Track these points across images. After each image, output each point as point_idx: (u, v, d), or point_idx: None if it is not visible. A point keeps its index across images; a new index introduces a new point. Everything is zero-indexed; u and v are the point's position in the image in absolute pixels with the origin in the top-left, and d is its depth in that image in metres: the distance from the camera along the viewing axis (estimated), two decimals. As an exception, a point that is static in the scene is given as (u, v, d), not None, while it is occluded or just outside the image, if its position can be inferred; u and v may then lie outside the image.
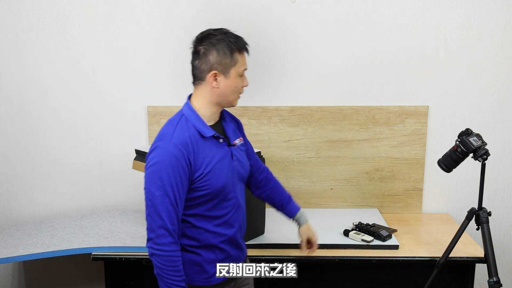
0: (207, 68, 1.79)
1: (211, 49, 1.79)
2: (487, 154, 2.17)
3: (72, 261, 2.97)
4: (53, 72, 2.79)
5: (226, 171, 1.84)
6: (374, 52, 2.75)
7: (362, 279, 2.46)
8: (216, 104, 1.85)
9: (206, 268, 1.87)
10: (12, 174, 2.90)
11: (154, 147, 1.78)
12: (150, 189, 1.75)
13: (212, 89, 1.82)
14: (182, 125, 1.80)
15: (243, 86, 1.87)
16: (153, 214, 1.74)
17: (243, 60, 1.84)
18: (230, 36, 1.81)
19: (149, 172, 1.77)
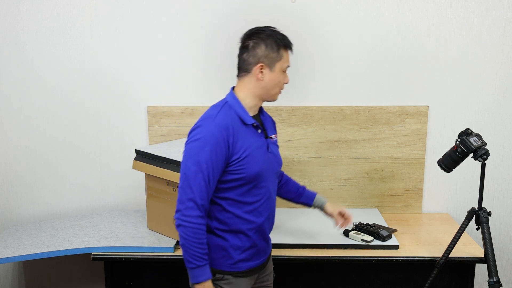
0: (254, 61, 1.89)
1: (260, 43, 1.89)
2: (487, 154, 2.17)
3: (72, 261, 2.97)
4: (53, 72, 2.79)
5: (261, 160, 1.91)
6: (374, 52, 2.75)
7: (362, 279, 2.46)
8: (258, 96, 1.94)
9: (232, 254, 1.92)
10: (12, 174, 2.90)
11: (197, 126, 1.86)
12: (186, 162, 1.82)
13: (257, 81, 1.91)
14: (225, 110, 1.89)
15: (284, 83, 1.96)
16: (185, 187, 1.80)
17: (287, 57, 1.94)
18: (277, 33, 1.91)
19: (188, 147, 1.84)
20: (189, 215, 1.79)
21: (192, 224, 1.79)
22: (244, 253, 1.94)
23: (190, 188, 1.79)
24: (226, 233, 1.91)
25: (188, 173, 1.80)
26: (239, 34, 2.79)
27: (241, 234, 1.92)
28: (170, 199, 2.42)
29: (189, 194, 1.79)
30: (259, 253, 1.99)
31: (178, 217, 1.81)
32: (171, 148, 2.52)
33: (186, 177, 1.81)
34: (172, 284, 2.49)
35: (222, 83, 2.78)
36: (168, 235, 2.49)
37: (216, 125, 1.82)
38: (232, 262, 1.92)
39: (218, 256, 1.92)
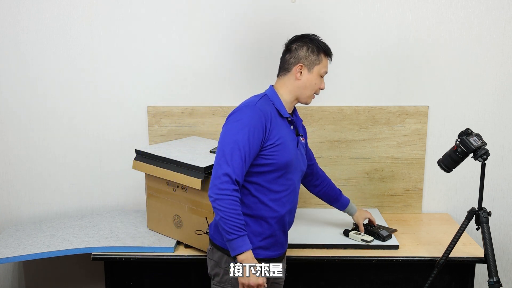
0: (295, 61, 2.01)
1: (302, 46, 2.02)
2: (487, 154, 2.17)
3: (72, 261, 2.97)
4: (53, 72, 2.79)
5: (292, 152, 2.01)
6: (374, 52, 2.75)
7: (362, 279, 2.46)
8: (294, 95, 2.04)
9: (252, 239, 1.97)
10: (12, 174, 2.90)
11: (238, 109, 1.95)
12: (225, 140, 1.90)
13: (295, 80, 2.02)
14: (265, 100, 1.99)
15: (320, 88, 2.07)
16: (221, 163, 1.87)
17: (326, 63, 2.06)
18: (320, 41, 2.06)
19: (228, 126, 1.92)
20: (225, 188, 1.84)
21: (229, 196, 1.84)
22: (263, 241, 2.00)
23: (227, 163, 1.85)
24: (248, 218, 1.98)
25: (225, 150, 1.87)
26: (239, 34, 2.80)
27: (262, 221, 1.99)
28: (170, 199, 2.42)
29: (225, 169, 1.85)
30: (277, 244, 2.06)
31: (214, 192, 1.86)
32: (171, 148, 2.52)
33: (224, 153, 1.87)
34: (172, 284, 2.49)
35: (222, 83, 2.79)
36: (168, 235, 2.49)
37: (257, 109, 1.92)
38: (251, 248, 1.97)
39: None
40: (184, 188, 2.35)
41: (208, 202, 2.27)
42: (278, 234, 2.04)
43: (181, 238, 2.44)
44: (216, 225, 2.03)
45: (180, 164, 2.30)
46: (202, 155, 2.38)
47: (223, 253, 2.01)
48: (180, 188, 2.37)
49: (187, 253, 2.38)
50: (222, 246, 2.00)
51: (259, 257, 1.99)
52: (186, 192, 2.35)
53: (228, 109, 2.77)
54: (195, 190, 2.28)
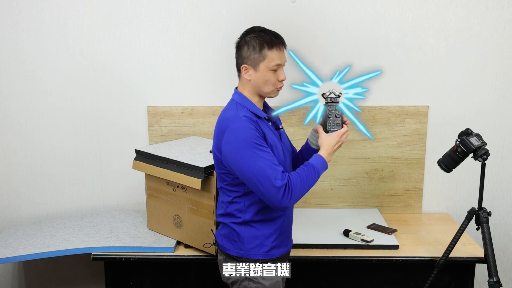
0: (240, 62, 1.97)
1: (243, 45, 1.95)
2: (487, 154, 2.17)
3: (72, 261, 2.97)
4: (53, 72, 2.79)
5: (280, 150, 2.00)
6: (374, 52, 2.75)
7: (362, 279, 2.46)
8: (255, 94, 1.99)
9: (265, 242, 1.99)
10: (12, 174, 2.90)
11: (229, 132, 1.87)
12: (251, 164, 1.83)
13: (247, 82, 1.98)
14: (240, 108, 1.95)
15: (279, 80, 1.97)
16: (263, 181, 1.82)
17: (273, 56, 1.92)
18: (266, 34, 1.93)
19: (240, 154, 1.85)
20: (285, 195, 1.83)
21: (292, 190, 1.84)
22: (276, 240, 2.02)
23: (270, 180, 1.81)
24: (258, 223, 1.99)
25: (254, 170, 1.82)
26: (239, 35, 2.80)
27: (271, 222, 2.00)
28: (170, 199, 2.42)
29: (274, 183, 1.81)
30: (286, 239, 2.08)
31: (287, 204, 1.84)
32: (171, 148, 2.52)
33: (261, 175, 1.82)
34: (172, 284, 2.50)
35: (222, 83, 2.79)
36: (168, 235, 2.49)
37: (244, 119, 1.88)
38: (265, 250, 2.00)
39: (252, 246, 1.99)
40: (184, 188, 2.35)
41: (208, 202, 2.27)
42: (286, 230, 2.08)
43: (181, 238, 2.44)
44: (225, 235, 2.04)
45: (180, 164, 2.30)
46: (202, 155, 2.38)
47: (238, 261, 2.01)
48: (180, 188, 2.37)
49: (187, 253, 2.38)
50: (236, 255, 2.01)
51: (275, 256, 2.02)
52: (186, 192, 2.35)
53: (228, 109, 2.77)
54: (195, 190, 2.28)
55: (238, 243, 2.00)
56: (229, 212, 2.01)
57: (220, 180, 2.02)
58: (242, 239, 1.99)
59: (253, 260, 1.99)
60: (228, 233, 2.03)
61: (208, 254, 2.34)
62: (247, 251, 1.99)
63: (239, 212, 1.98)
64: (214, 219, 2.25)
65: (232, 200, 1.99)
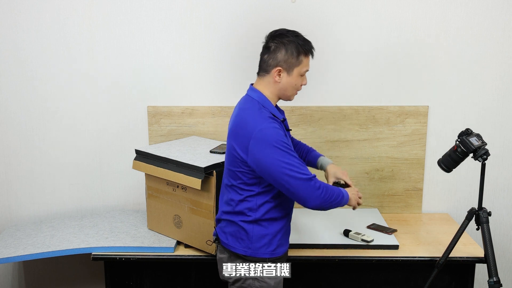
0: (274, 64, 1.97)
1: (281, 47, 1.96)
2: (487, 154, 2.17)
3: (72, 261, 2.97)
4: (53, 72, 2.79)
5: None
6: (374, 52, 2.75)
7: (362, 279, 2.46)
8: (276, 96, 2.04)
9: (272, 241, 2.02)
10: (12, 174, 2.90)
11: (258, 132, 1.89)
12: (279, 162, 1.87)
13: (274, 83, 2.00)
14: (262, 111, 1.97)
15: (302, 84, 2.05)
16: (298, 178, 1.88)
17: (307, 62, 2.01)
18: (300, 39, 1.98)
19: (270, 153, 1.88)
20: (317, 187, 1.91)
21: (322, 186, 1.93)
22: (281, 239, 2.05)
23: (300, 173, 1.88)
24: (265, 222, 2.02)
25: (287, 168, 1.87)
26: (239, 34, 2.80)
27: (277, 221, 2.04)
28: (170, 199, 2.42)
29: (307, 176, 1.89)
30: (288, 237, 2.13)
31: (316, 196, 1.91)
32: (171, 148, 2.52)
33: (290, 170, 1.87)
34: (172, 284, 2.50)
35: (222, 83, 2.79)
36: (168, 235, 2.49)
37: (271, 122, 1.92)
38: (272, 249, 2.02)
39: (260, 245, 2.01)
40: (184, 188, 2.35)
41: (208, 202, 2.27)
42: (288, 229, 2.12)
43: (181, 238, 2.44)
44: (232, 234, 2.04)
45: (180, 164, 2.30)
46: (202, 155, 2.38)
47: (245, 259, 2.02)
48: (180, 188, 2.37)
49: (187, 253, 2.38)
50: (244, 253, 2.02)
51: (279, 255, 2.04)
52: (186, 192, 2.35)
53: (228, 109, 2.78)
54: (195, 190, 2.28)
55: (247, 242, 2.00)
56: (239, 211, 2.01)
57: (233, 178, 2.01)
58: (251, 237, 2.00)
59: (260, 259, 2.00)
60: (235, 231, 2.03)
61: (208, 254, 2.34)
62: (255, 250, 2.00)
63: (250, 210, 1.99)
64: (214, 218, 2.25)
65: (244, 199, 1.99)
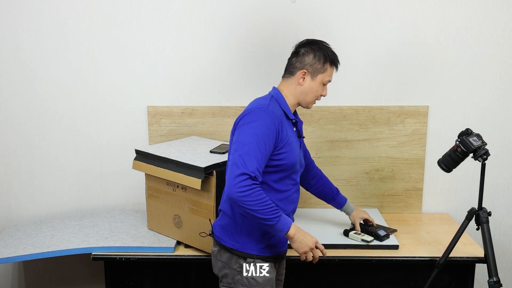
0: (300, 66, 2.05)
1: (309, 52, 2.05)
2: (487, 154, 2.17)
3: (72, 261, 2.97)
4: (53, 72, 2.79)
5: (297, 153, 2.07)
6: (374, 52, 2.75)
7: (362, 279, 2.46)
8: (297, 99, 2.09)
9: (262, 238, 2.02)
10: (12, 174, 2.90)
11: (250, 111, 1.97)
12: (241, 141, 1.90)
13: (297, 85, 2.06)
14: (274, 102, 2.03)
15: (322, 95, 2.11)
16: (238, 163, 1.85)
17: (331, 72, 2.09)
18: (329, 49, 2.08)
19: (244, 128, 1.93)
20: (245, 185, 1.83)
21: (251, 190, 1.83)
22: (272, 239, 2.04)
23: (243, 163, 1.85)
24: None
25: (242, 150, 1.87)
26: (239, 34, 2.80)
27: None
28: (170, 199, 2.42)
29: (242, 169, 1.84)
30: (283, 241, 2.10)
31: (235, 192, 1.83)
32: (171, 148, 2.52)
33: (240, 154, 1.87)
34: (172, 284, 2.50)
35: (222, 83, 2.79)
36: (168, 235, 2.49)
37: (270, 112, 1.95)
38: (261, 247, 2.02)
39: (249, 240, 2.01)
40: (184, 188, 2.35)
41: (208, 202, 2.27)
42: None
43: (181, 238, 2.44)
44: (223, 226, 2.05)
45: (180, 164, 2.30)
46: (202, 155, 2.38)
47: (232, 253, 2.02)
48: (180, 188, 2.37)
49: (187, 253, 2.38)
50: (232, 247, 2.02)
51: (269, 255, 2.04)
52: (186, 192, 2.35)
53: (228, 109, 2.78)
54: (195, 190, 2.28)
55: (235, 235, 2.01)
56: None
57: None
58: (240, 231, 2.00)
59: (248, 255, 2.00)
60: (226, 224, 2.04)
61: (208, 254, 2.34)
62: (243, 244, 2.01)
63: None
64: (215, 217, 2.25)
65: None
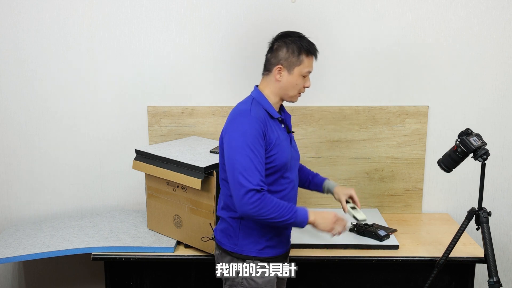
0: (275, 62, 2.00)
1: (282, 46, 1.99)
2: (487, 154, 2.17)
3: (72, 261, 2.97)
4: (52, 72, 2.79)
5: (288, 151, 2.03)
6: (374, 52, 2.75)
7: (362, 279, 2.46)
8: (278, 95, 2.04)
9: (260, 239, 2.01)
10: (12, 174, 2.90)
11: (234, 119, 1.95)
12: (234, 156, 1.88)
13: (275, 82, 2.01)
14: (255, 105, 1.99)
15: (304, 86, 2.04)
16: (241, 180, 1.84)
17: (309, 63, 2.01)
18: (303, 40, 2.00)
19: (233, 141, 1.90)
20: (254, 201, 1.84)
21: (261, 201, 1.84)
22: (270, 240, 2.02)
23: (246, 179, 1.84)
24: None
25: (239, 167, 1.85)
26: (239, 34, 2.80)
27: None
28: (170, 199, 2.42)
29: (247, 186, 1.83)
30: (283, 241, 2.09)
31: (248, 210, 1.84)
32: (171, 148, 2.52)
33: (239, 171, 1.85)
34: (172, 284, 2.50)
35: (222, 83, 2.79)
36: (168, 235, 2.49)
37: (252, 118, 1.92)
38: (260, 248, 2.01)
39: (247, 242, 2.01)
40: (184, 188, 2.35)
41: (208, 202, 2.27)
42: (284, 231, 2.08)
43: (181, 238, 2.44)
44: (223, 230, 2.05)
45: (180, 164, 2.30)
46: (202, 155, 2.38)
47: (233, 257, 2.02)
48: (180, 188, 2.37)
49: (187, 253, 2.38)
50: (231, 250, 2.02)
51: (268, 255, 2.03)
52: (186, 192, 2.35)
53: (228, 109, 2.77)
54: (195, 190, 2.28)
55: (234, 238, 2.01)
56: (228, 206, 2.02)
57: (223, 171, 2.02)
58: (238, 234, 2.01)
59: (247, 257, 2.00)
60: (225, 228, 2.04)
61: (208, 254, 2.34)
62: (241, 246, 2.01)
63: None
64: (214, 217, 2.26)
65: (231, 194, 1.98)
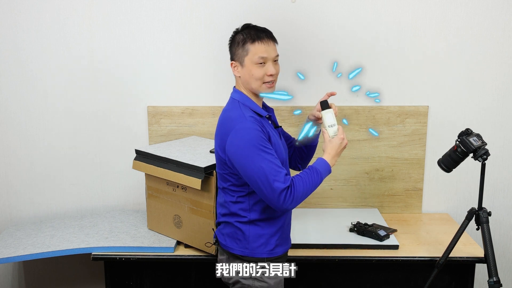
0: (230, 59, 2.00)
1: (231, 43, 1.99)
2: (487, 154, 2.17)
3: (72, 261, 2.97)
4: (52, 72, 2.79)
5: (282, 148, 2.03)
6: (374, 52, 2.75)
7: (362, 279, 2.46)
8: (249, 91, 2.00)
9: (269, 240, 2.01)
10: (12, 174, 2.90)
11: (234, 131, 1.88)
12: (255, 165, 1.83)
13: (238, 79, 2.00)
14: (243, 108, 1.95)
15: (267, 74, 1.94)
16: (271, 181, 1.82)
17: (256, 50, 1.92)
18: (246, 29, 1.96)
19: (242, 151, 1.85)
20: (289, 195, 1.84)
21: (296, 190, 1.85)
22: (279, 239, 2.03)
23: (274, 182, 1.82)
24: (262, 222, 2.00)
25: (262, 176, 1.83)
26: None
27: (273, 220, 2.02)
28: (170, 199, 2.42)
29: (277, 188, 1.82)
30: (287, 237, 2.10)
31: (289, 205, 1.85)
32: (171, 148, 2.52)
33: (266, 177, 1.82)
34: (172, 284, 2.50)
35: (222, 83, 2.79)
36: (168, 235, 2.49)
37: (251, 121, 1.89)
38: (270, 249, 2.01)
39: (257, 245, 2.00)
40: (184, 188, 2.35)
41: (208, 202, 2.27)
42: (286, 228, 2.09)
43: (181, 238, 2.44)
44: (229, 235, 2.04)
45: (180, 164, 2.30)
46: (202, 155, 2.38)
47: (243, 260, 2.01)
48: (180, 188, 2.37)
49: (187, 253, 2.38)
50: (242, 254, 2.01)
51: (278, 255, 2.03)
52: (186, 192, 2.35)
53: (228, 109, 2.77)
54: (195, 190, 2.28)
55: (244, 242, 2.00)
56: (234, 212, 2.01)
57: (223, 180, 2.01)
58: (248, 238, 1.99)
59: (258, 259, 2.00)
60: (232, 232, 2.03)
61: (208, 254, 2.34)
62: (252, 249, 2.00)
63: (244, 211, 1.99)
64: (214, 219, 2.25)
65: (237, 200, 1.99)
